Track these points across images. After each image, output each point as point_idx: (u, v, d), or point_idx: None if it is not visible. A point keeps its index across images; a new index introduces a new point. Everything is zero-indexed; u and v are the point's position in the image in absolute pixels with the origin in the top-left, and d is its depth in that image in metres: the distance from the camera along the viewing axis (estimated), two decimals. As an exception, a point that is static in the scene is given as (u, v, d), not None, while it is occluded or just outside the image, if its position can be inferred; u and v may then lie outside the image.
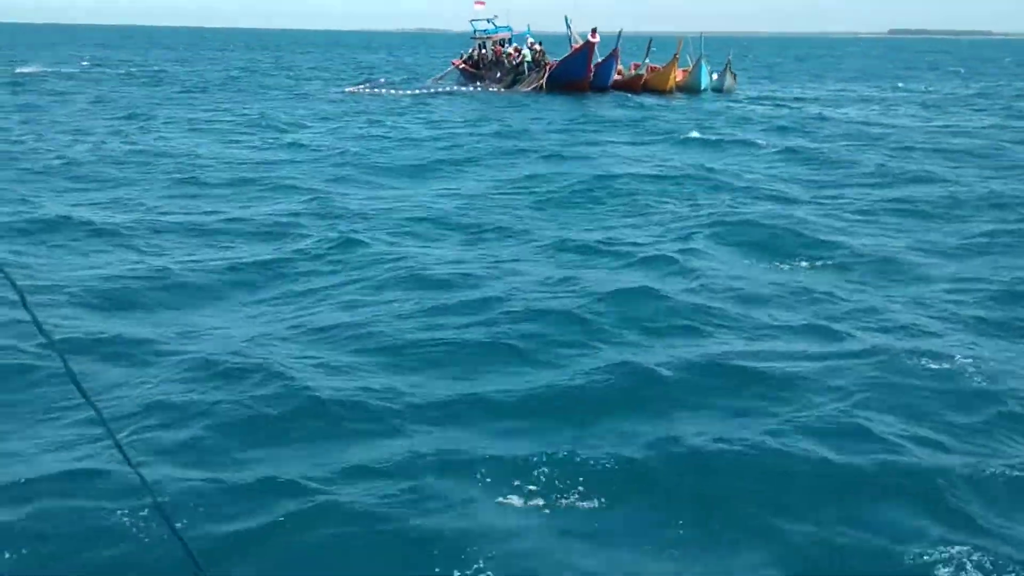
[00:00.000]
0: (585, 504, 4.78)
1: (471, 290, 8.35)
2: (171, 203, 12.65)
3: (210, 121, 23.47)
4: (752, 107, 30.49)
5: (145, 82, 38.93)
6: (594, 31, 32.51)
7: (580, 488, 4.88)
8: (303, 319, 7.66)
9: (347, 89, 36.16)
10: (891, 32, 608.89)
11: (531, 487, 4.88)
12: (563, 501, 4.77)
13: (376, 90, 35.47)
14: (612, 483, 4.95)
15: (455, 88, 37.05)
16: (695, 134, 21.12)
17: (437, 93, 35.04)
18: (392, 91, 34.97)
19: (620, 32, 34.91)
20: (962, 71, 61.02)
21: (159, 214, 11.86)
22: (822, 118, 25.64)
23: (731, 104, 31.40)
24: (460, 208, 12.49)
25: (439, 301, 7.97)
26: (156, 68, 50.67)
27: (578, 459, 5.14)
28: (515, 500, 4.78)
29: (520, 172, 15.90)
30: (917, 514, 4.66)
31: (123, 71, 46.43)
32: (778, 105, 31.41)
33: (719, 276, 8.96)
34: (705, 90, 36.61)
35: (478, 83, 37.92)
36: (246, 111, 26.16)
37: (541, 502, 4.76)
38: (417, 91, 35.31)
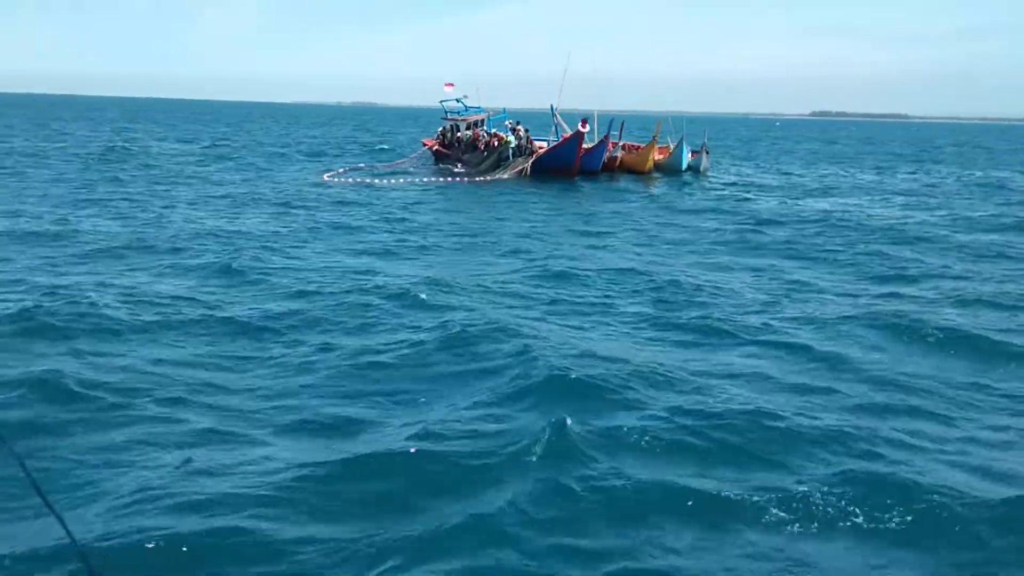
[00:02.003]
0: None
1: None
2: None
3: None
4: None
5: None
6: (584, 122, 33.21)
7: None
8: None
9: (325, 176, 32.63)
10: (813, 114, 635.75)
11: None
12: None
13: (362, 179, 32.14)
14: None
15: (453, 180, 32.55)
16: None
17: (450, 184, 31.49)
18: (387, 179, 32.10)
19: (612, 120, 35.18)
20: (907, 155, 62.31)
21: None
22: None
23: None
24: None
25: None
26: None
27: None
28: None
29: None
30: None
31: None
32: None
33: None
34: (686, 170, 37.31)
35: (456, 165, 36.25)
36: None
37: None
38: (410, 180, 32.15)
